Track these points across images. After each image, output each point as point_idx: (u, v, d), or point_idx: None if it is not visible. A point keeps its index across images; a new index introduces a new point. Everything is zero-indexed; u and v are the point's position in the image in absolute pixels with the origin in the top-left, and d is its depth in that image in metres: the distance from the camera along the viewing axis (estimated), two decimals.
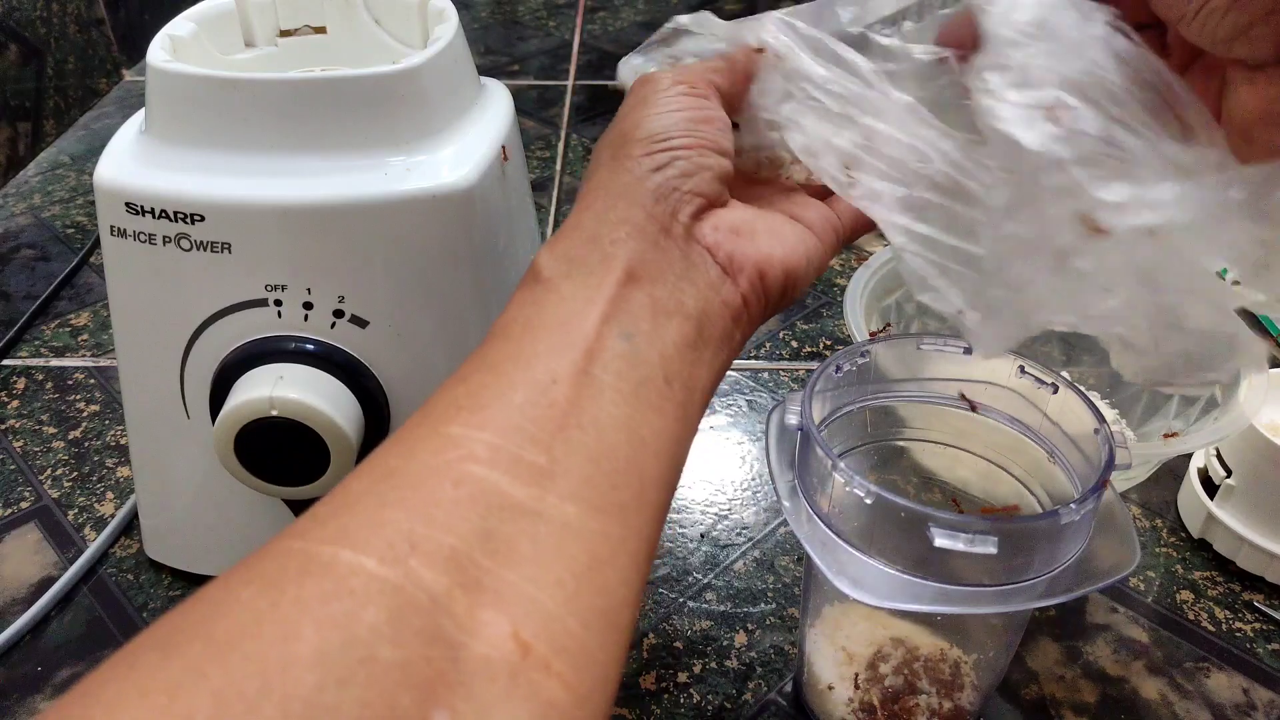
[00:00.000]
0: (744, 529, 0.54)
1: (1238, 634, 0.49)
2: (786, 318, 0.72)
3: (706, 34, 0.35)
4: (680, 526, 0.54)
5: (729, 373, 0.66)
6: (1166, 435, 0.46)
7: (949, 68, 0.32)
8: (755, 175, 0.36)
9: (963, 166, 0.31)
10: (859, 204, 0.32)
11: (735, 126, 0.35)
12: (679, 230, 0.30)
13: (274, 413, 0.38)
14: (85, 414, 0.62)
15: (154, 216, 0.39)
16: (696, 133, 0.31)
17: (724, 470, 0.58)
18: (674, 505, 0.56)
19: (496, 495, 0.23)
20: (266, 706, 0.18)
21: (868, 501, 0.33)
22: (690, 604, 0.50)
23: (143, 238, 0.39)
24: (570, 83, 1.09)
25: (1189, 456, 0.56)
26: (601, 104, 1.04)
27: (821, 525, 0.35)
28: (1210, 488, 0.53)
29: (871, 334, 0.39)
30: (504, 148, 0.43)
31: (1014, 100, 0.28)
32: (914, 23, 0.34)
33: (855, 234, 0.36)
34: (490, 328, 0.29)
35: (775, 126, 0.34)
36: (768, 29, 0.34)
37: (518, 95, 0.44)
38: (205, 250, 0.39)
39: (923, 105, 0.32)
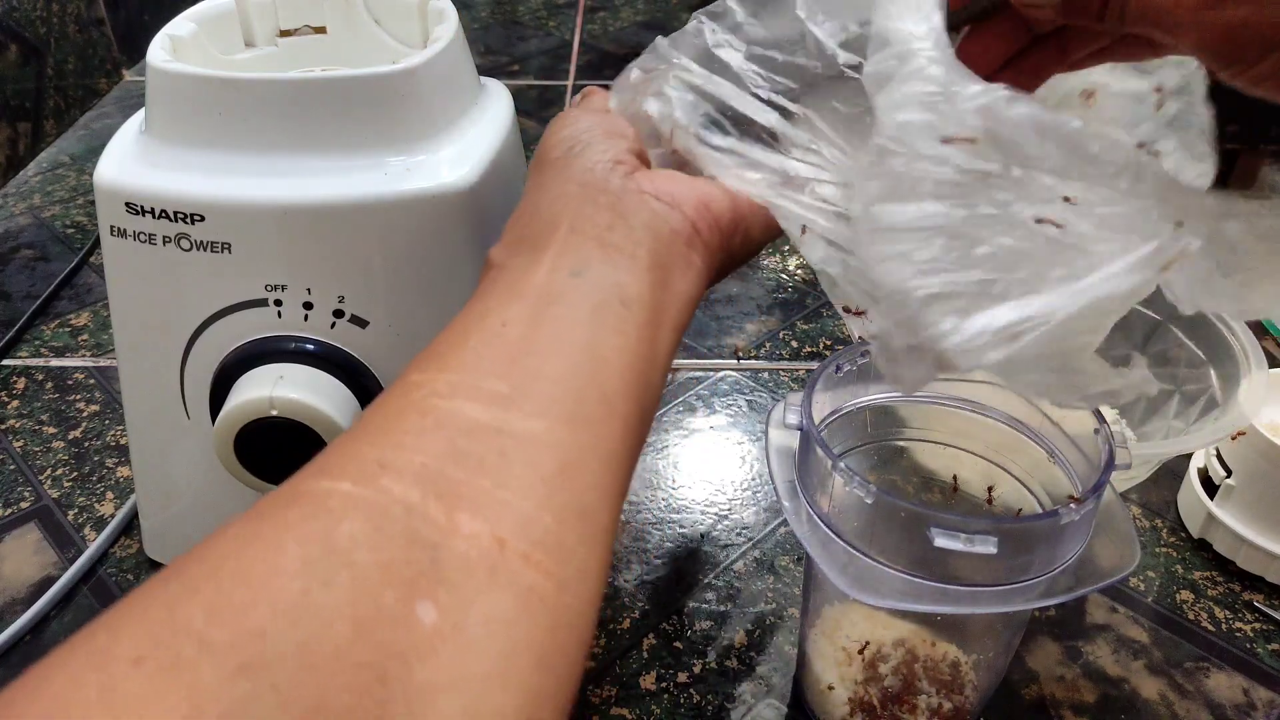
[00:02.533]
0: (744, 529, 0.54)
1: (1238, 634, 0.49)
2: (786, 318, 0.72)
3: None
4: (680, 526, 0.54)
5: (729, 373, 0.66)
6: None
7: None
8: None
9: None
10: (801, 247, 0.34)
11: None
12: (614, 187, 0.32)
13: (274, 413, 0.38)
14: (85, 414, 0.62)
15: (154, 216, 0.39)
16: (600, 126, 0.34)
17: (724, 470, 0.58)
18: (674, 505, 0.56)
19: (461, 419, 0.25)
20: (256, 610, 0.20)
21: (868, 501, 0.33)
22: (690, 604, 0.50)
23: (143, 238, 0.39)
24: (570, 83, 1.09)
25: (1189, 456, 0.56)
26: None
27: (821, 525, 0.35)
28: (1210, 488, 0.53)
29: None
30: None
31: (893, 227, 0.29)
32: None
33: None
34: None
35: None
36: (671, 110, 0.36)
37: (518, 95, 0.44)
38: (205, 250, 0.39)
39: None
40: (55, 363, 0.67)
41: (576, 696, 0.24)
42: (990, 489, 0.42)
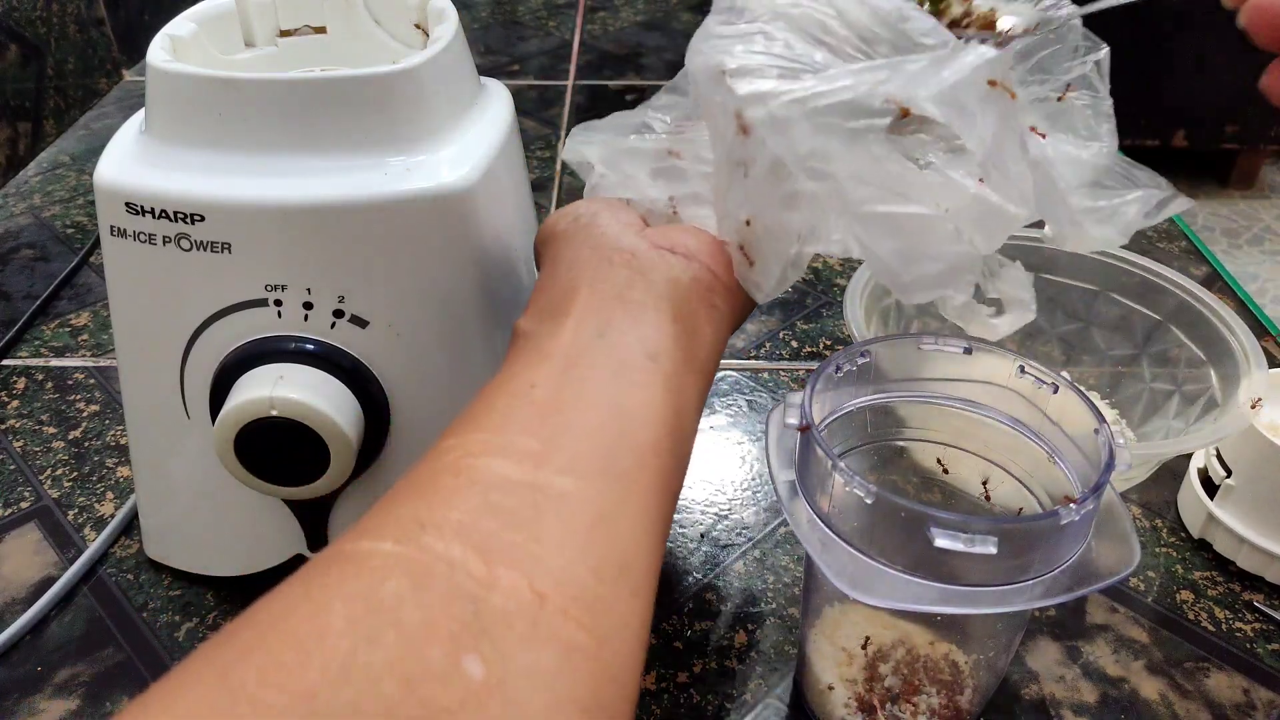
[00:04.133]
0: (744, 529, 0.54)
1: (1238, 634, 0.49)
2: (787, 318, 0.72)
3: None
4: (680, 526, 0.54)
5: (729, 373, 0.66)
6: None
7: None
8: None
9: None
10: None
11: None
12: (628, 244, 0.33)
13: (274, 413, 0.38)
14: (85, 414, 0.62)
15: (154, 216, 0.39)
16: (602, 204, 0.37)
17: (724, 470, 0.58)
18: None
19: (494, 477, 0.25)
20: (307, 671, 0.20)
21: (868, 501, 0.33)
22: (690, 604, 0.50)
23: (143, 238, 0.39)
24: (570, 83, 1.09)
25: (1189, 456, 0.56)
26: (601, 104, 1.04)
27: (821, 525, 0.35)
28: (1210, 488, 0.53)
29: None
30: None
31: (720, 33, 0.31)
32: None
33: None
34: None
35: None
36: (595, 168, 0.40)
37: (518, 95, 0.44)
38: (205, 250, 0.39)
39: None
40: (55, 363, 0.67)
41: None
42: (985, 482, 0.42)
